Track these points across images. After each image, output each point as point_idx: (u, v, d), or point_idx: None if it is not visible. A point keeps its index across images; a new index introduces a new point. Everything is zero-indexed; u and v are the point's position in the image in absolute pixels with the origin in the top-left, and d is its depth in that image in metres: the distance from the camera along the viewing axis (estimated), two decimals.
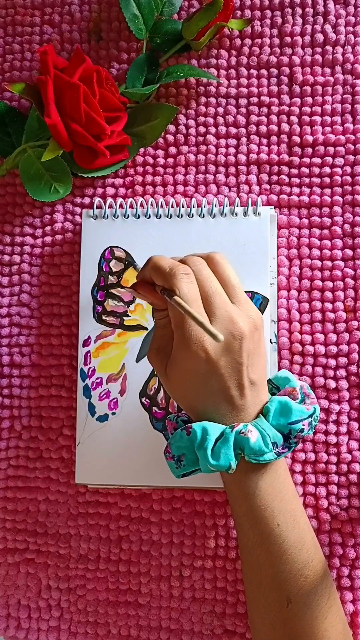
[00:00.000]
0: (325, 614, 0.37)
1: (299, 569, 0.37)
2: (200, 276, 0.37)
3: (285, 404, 0.38)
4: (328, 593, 0.37)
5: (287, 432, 0.37)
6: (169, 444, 0.38)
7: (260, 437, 0.36)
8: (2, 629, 0.49)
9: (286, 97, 0.50)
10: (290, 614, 0.36)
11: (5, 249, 0.51)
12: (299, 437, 0.37)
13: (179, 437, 0.37)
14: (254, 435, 0.36)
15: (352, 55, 0.49)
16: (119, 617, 0.48)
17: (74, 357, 0.49)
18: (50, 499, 0.49)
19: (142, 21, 0.50)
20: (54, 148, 0.47)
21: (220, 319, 0.36)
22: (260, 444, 0.36)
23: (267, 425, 0.37)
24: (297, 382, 0.40)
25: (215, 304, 0.36)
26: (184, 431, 0.37)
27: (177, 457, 0.38)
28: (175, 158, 0.51)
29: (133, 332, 0.47)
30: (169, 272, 0.36)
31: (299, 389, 0.40)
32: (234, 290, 0.38)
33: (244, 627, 0.46)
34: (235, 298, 0.38)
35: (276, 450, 0.37)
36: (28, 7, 0.54)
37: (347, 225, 0.48)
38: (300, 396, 0.39)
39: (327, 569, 0.39)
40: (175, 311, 0.36)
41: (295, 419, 0.37)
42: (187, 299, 0.35)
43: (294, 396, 0.39)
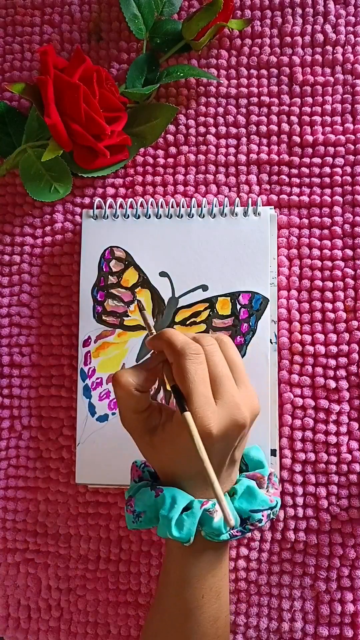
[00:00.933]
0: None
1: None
2: (214, 357, 0.36)
3: (252, 491, 0.38)
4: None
5: (246, 517, 0.38)
6: (132, 497, 0.38)
7: (222, 518, 0.36)
8: (2, 629, 0.49)
9: (286, 97, 0.50)
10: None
11: (5, 249, 0.51)
12: (256, 526, 0.38)
13: (146, 496, 0.37)
14: (218, 516, 0.36)
15: (352, 55, 0.49)
16: (119, 617, 0.48)
17: (74, 357, 0.49)
18: (50, 499, 0.49)
19: (142, 21, 0.50)
20: (54, 148, 0.47)
21: (227, 403, 0.35)
22: (220, 525, 0.36)
23: (231, 507, 0.37)
24: (267, 469, 0.41)
25: (224, 387, 0.36)
26: (153, 491, 0.37)
27: (137, 513, 0.38)
28: (175, 158, 0.51)
29: (133, 332, 0.47)
30: (179, 350, 0.35)
31: (267, 478, 0.40)
32: (240, 374, 0.38)
33: (244, 626, 0.46)
34: (241, 381, 0.37)
35: (231, 532, 0.37)
36: (28, 7, 0.54)
37: (347, 225, 0.48)
38: (266, 484, 0.40)
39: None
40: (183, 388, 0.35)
41: (257, 508, 0.38)
42: (194, 379, 0.35)
43: (260, 483, 0.40)
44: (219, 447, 0.35)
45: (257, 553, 0.46)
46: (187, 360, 0.35)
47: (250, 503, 0.38)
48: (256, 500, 0.38)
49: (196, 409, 0.34)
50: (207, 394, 0.35)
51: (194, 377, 0.35)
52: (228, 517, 0.31)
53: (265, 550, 0.46)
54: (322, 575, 0.45)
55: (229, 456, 0.37)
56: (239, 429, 0.35)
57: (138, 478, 0.40)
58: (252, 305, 0.46)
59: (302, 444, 0.46)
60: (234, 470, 0.39)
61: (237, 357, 0.38)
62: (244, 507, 0.38)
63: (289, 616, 0.45)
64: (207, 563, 0.38)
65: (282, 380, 0.47)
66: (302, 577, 0.46)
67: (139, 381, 0.37)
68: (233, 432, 0.35)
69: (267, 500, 0.38)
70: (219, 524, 0.36)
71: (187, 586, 0.38)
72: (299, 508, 0.46)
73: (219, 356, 0.37)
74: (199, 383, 0.35)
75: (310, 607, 0.45)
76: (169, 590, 0.39)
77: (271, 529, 0.46)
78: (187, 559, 0.38)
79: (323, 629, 0.45)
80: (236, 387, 0.37)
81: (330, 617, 0.45)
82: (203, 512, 0.36)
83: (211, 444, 0.34)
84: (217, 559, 0.38)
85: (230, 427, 0.35)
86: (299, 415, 0.46)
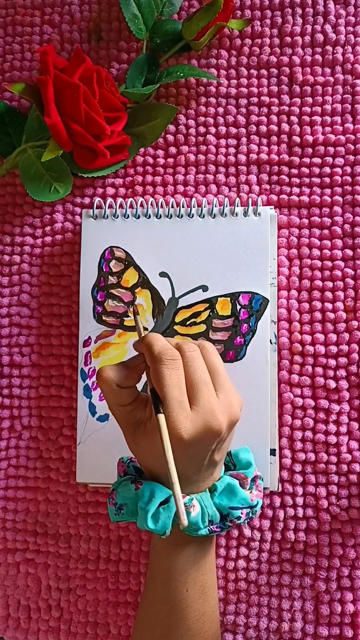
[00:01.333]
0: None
1: (192, 635, 0.39)
2: (193, 364, 0.37)
3: (233, 488, 0.39)
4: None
5: (225, 513, 0.39)
6: (114, 490, 0.39)
7: (200, 513, 0.37)
8: (2, 629, 0.49)
9: (286, 97, 0.50)
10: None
11: (5, 249, 0.51)
12: (235, 522, 0.39)
13: (126, 489, 0.38)
14: (195, 511, 0.37)
15: (352, 55, 0.49)
16: (119, 617, 0.48)
17: (74, 357, 0.49)
18: (50, 499, 0.49)
19: (142, 21, 0.50)
20: (54, 148, 0.47)
21: (202, 409, 0.36)
22: (198, 520, 0.37)
23: (209, 503, 0.38)
24: (253, 471, 0.42)
25: (200, 394, 0.36)
26: (133, 485, 0.38)
27: (119, 506, 0.39)
28: (175, 158, 0.51)
29: (133, 333, 0.47)
30: (156, 355, 0.36)
31: (251, 480, 0.41)
32: (220, 379, 0.38)
33: (244, 626, 0.46)
34: (220, 387, 0.38)
35: (210, 528, 0.38)
36: (28, 7, 0.54)
37: (347, 225, 0.48)
38: (249, 485, 0.41)
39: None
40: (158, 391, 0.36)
41: (236, 505, 0.39)
42: (168, 384, 0.35)
43: (243, 484, 0.40)
44: (193, 451, 0.36)
45: (257, 553, 0.46)
46: (162, 366, 0.36)
47: (229, 500, 0.39)
48: (236, 498, 0.39)
49: (169, 413, 0.35)
50: (180, 399, 0.35)
51: (168, 382, 0.35)
52: (181, 517, 0.32)
53: (265, 550, 0.46)
54: (322, 575, 0.45)
55: (206, 459, 0.37)
56: (213, 435, 0.36)
57: (123, 473, 0.41)
58: (252, 306, 0.46)
59: (302, 444, 0.46)
60: (216, 469, 0.39)
61: (219, 363, 0.39)
62: (223, 504, 0.39)
63: (289, 616, 0.45)
64: (190, 557, 0.39)
65: (282, 380, 0.47)
66: (302, 577, 0.46)
67: (120, 377, 0.38)
68: (207, 438, 0.36)
69: (248, 499, 0.39)
70: (196, 519, 0.37)
71: (171, 579, 0.39)
72: (299, 508, 0.46)
73: (199, 363, 0.37)
74: (172, 388, 0.35)
75: (310, 607, 0.45)
76: (154, 584, 0.40)
77: (271, 529, 0.46)
78: (169, 553, 0.39)
79: (323, 629, 0.45)
80: (214, 394, 0.37)
81: (330, 617, 0.45)
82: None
83: (184, 447, 0.35)
84: (201, 554, 0.39)
85: (204, 432, 0.35)
86: (299, 415, 0.46)
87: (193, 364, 0.37)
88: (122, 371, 0.38)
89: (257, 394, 0.45)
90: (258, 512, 0.40)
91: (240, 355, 0.46)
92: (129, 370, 0.38)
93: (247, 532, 0.46)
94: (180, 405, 0.35)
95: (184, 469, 0.37)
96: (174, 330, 0.47)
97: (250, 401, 0.45)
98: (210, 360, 0.38)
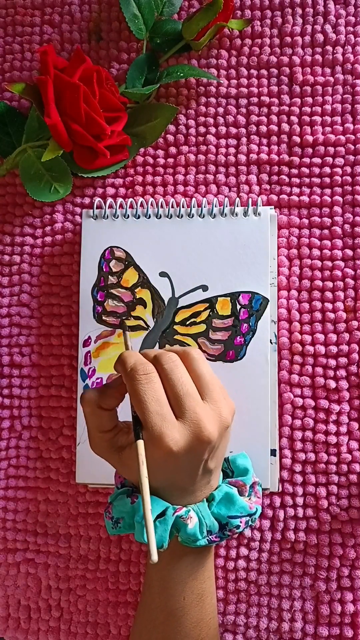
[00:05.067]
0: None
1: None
2: (172, 376, 0.36)
3: (231, 497, 0.39)
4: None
5: (224, 522, 0.38)
6: (110, 504, 0.39)
7: (198, 524, 0.37)
8: (2, 629, 0.49)
9: (286, 97, 0.50)
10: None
11: (5, 249, 0.51)
12: (234, 532, 0.38)
13: (122, 503, 0.38)
14: (193, 522, 0.37)
15: (352, 55, 0.49)
16: (119, 617, 0.48)
17: (74, 357, 0.49)
18: (50, 499, 0.49)
19: (142, 21, 0.50)
20: (54, 148, 0.47)
21: (189, 422, 0.35)
22: (195, 531, 0.37)
23: (207, 513, 0.38)
24: (251, 477, 0.41)
25: (185, 406, 0.35)
26: (128, 498, 0.38)
27: (116, 519, 0.38)
28: (175, 158, 0.51)
29: (133, 333, 0.47)
30: (129, 373, 0.35)
31: (249, 486, 0.41)
32: (207, 387, 0.37)
33: (244, 626, 0.46)
34: (209, 395, 0.37)
35: (209, 538, 0.38)
36: (28, 7, 0.54)
37: (347, 225, 0.48)
38: (248, 492, 0.40)
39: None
40: (137, 409, 0.35)
41: (235, 514, 0.38)
42: (144, 399, 0.35)
43: (241, 491, 0.40)
44: (185, 462, 0.35)
45: (257, 553, 0.46)
46: (135, 383, 0.35)
47: (228, 509, 0.38)
48: (234, 507, 0.38)
49: (152, 427, 0.34)
50: (162, 411, 0.35)
51: (143, 397, 0.35)
52: (151, 551, 0.31)
53: (265, 550, 0.46)
54: (322, 575, 0.45)
55: (200, 468, 0.37)
56: (203, 445, 0.35)
57: (120, 484, 0.41)
58: (252, 306, 0.46)
59: (302, 444, 0.46)
60: (213, 477, 0.39)
61: (204, 370, 0.37)
62: (222, 513, 0.38)
63: (289, 616, 0.45)
64: (188, 567, 0.38)
65: (282, 380, 0.47)
66: (302, 577, 0.46)
67: (103, 398, 0.37)
68: (198, 448, 0.35)
69: (247, 507, 0.39)
70: (194, 530, 0.36)
71: (168, 588, 0.38)
72: (299, 508, 0.46)
73: (179, 374, 0.36)
74: (150, 402, 0.34)
75: (310, 607, 0.45)
76: (151, 592, 0.39)
77: (271, 529, 0.46)
78: (166, 563, 0.38)
79: (323, 629, 0.45)
80: (201, 403, 0.36)
81: (330, 617, 0.45)
82: (176, 519, 0.36)
83: (175, 459, 0.34)
84: (199, 563, 0.39)
85: (194, 443, 0.35)
86: (299, 415, 0.46)
87: (172, 376, 0.36)
88: (102, 392, 0.38)
89: (257, 394, 0.45)
90: (256, 520, 0.40)
91: (240, 355, 0.46)
92: (110, 389, 0.38)
93: (247, 532, 0.46)
94: (163, 418, 0.34)
95: (179, 481, 0.36)
96: (174, 330, 0.47)
97: (250, 401, 0.45)
98: (194, 368, 0.37)
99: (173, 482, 0.36)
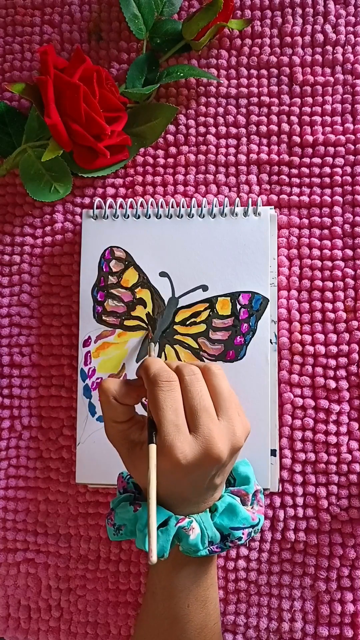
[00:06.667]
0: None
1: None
2: (192, 388, 0.36)
3: (234, 508, 0.38)
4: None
5: (226, 533, 0.38)
6: (113, 510, 0.39)
7: (200, 535, 0.37)
8: (2, 629, 0.49)
9: (286, 97, 0.50)
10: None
11: (5, 249, 0.51)
12: (235, 543, 0.38)
13: (125, 510, 0.38)
14: (195, 533, 0.36)
15: (352, 55, 0.49)
16: (119, 617, 0.48)
17: (74, 357, 0.49)
18: (50, 499, 0.49)
19: (142, 21, 0.50)
20: (54, 148, 0.47)
21: (201, 437, 0.34)
22: (197, 542, 0.36)
23: (209, 524, 0.37)
24: (253, 486, 0.41)
25: (199, 420, 0.35)
26: (131, 506, 0.38)
27: (118, 526, 0.38)
28: (175, 158, 0.51)
29: (133, 333, 0.47)
30: (151, 378, 0.35)
31: (252, 495, 0.40)
32: (224, 405, 0.37)
33: (244, 626, 0.46)
34: (225, 413, 0.36)
35: (210, 548, 0.37)
36: (28, 7, 0.54)
37: (347, 225, 0.48)
38: (251, 501, 0.40)
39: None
40: (154, 415, 0.35)
41: (238, 525, 0.38)
42: (163, 407, 0.34)
43: (244, 500, 0.40)
44: (191, 476, 0.35)
45: (257, 553, 0.46)
46: (157, 388, 0.35)
47: (231, 520, 0.38)
48: (237, 518, 0.38)
49: (165, 436, 0.34)
50: (177, 422, 0.34)
51: (162, 404, 0.34)
52: (150, 554, 0.31)
53: (265, 550, 0.46)
54: (322, 575, 0.45)
55: (205, 483, 0.36)
56: (212, 462, 0.35)
57: (123, 489, 0.40)
58: (252, 306, 0.46)
59: (302, 444, 0.46)
60: (217, 491, 0.38)
61: (224, 387, 0.37)
62: (224, 524, 0.38)
63: (289, 616, 0.45)
64: (191, 575, 0.38)
65: (282, 380, 0.47)
66: (302, 577, 0.46)
67: (119, 392, 0.37)
68: (206, 465, 0.35)
69: (249, 518, 0.38)
70: (195, 541, 0.36)
71: (172, 596, 0.38)
72: (299, 508, 0.46)
73: (199, 387, 0.36)
74: (168, 411, 0.34)
75: (310, 607, 0.45)
76: (155, 599, 0.39)
77: (271, 529, 0.46)
78: (169, 571, 0.38)
79: (323, 629, 0.45)
80: (216, 420, 0.36)
81: (330, 617, 0.45)
82: (178, 529, 0.36)
83: (182, 472, 0.34)
84: (202, 571, 0.39)
85: (203, 460, 0.34)
86: (299, 415, 0.46)
87: (192, 388, 0.36)
88: (122, 387, 0.38)
89: (257, 394, 0.45)
90: (259, 530, 0.40)
91: (240, 355, 0.46)
92: (129, 387, 0.38)
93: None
94: (177, 429, 0.34)
95: (183, 492, 0.36)
96: (174, 330, 0.47)
97: (250, 401, 0.45)
98: (214, 384, 0.37)
99: (177, 492, 0.36)
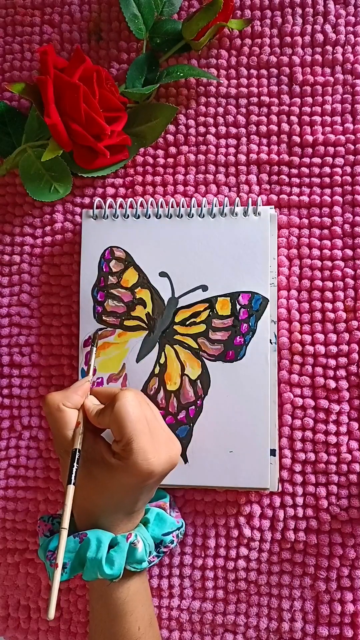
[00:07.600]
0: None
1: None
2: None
3: (162, 516, 0.42)
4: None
5: (159, 541, 0.40)
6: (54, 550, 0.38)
7: (144, 547, 0.38)
8: (2, 629, 0.49)
9: (286, 97, 0.50)
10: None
11: (5, 249, 0.51)
12: (168, 547, 0.41)
13: (72, 545, 0.38)
14: (140, 546, 0.38)
15: (352, 55, 0.49)
16: None
17: (74, 357, 0.49)
18: (50, 499, 0.49)
19: (142, 21, 0.50)
20: (54, 148, 0.47)
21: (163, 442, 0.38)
22: (143, 554, 0.38)
23: (147, 535, 0.40)
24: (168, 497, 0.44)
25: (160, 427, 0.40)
26: (76, 538, 0.38)
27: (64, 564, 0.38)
28: (175, 158, 0.51)
29: (133, 333, 0.47)
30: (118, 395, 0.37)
31: (169, 503, 0.44)
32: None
33: (244, 626, 0.46)
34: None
35: (149, 559, 0.39)
36: (28, 7, 0.54)
37: (347, 225, 0.48)
38: (169, 510, 0.43)
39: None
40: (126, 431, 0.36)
41: (168, 530, 0.41)
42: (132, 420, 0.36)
43: (165, 509, 0.43)
44: (153, 485, 0.38)
45: (257, 553, 0.46)
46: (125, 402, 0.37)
47: (161, 528, 0.41)
48: (166, 524, 0.42)
49: (137, 451, 0.36)
50: (144, 430, 0.37)
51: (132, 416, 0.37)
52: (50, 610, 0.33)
53: (265, 550, 0.46)
54: (322, 575, 0.45)
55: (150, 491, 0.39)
56: (172, 468, 0.39)
57: (49, 532, 0.41)
58: (252, 306, 0.46)
59: (302, 444, 0.46)
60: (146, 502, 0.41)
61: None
62: (156, 534, 0.40)
63: (289, 616, 0.45)
64: (135, 594, 0.39)
65: (282, 380, 0.47)
66: (302, 577, 0.46)
67: (65, 396, 0.39)
68: (167, 471, 0.38)
69: (175, 522, 0.42)
70: (141, 553, 0.38)
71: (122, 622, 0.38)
72: (299, 508, 0.46)
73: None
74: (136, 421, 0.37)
75: (310, 607, 0.45)
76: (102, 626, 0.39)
77: (271, 529, 0.46)
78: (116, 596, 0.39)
79: (323, 629, 0.45)
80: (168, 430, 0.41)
81: (330, 617, 0.45)
82: (129, 545, 0.37)
83: (156, 481, 0.38)
84: (142, 588, 0.40)
85: (168, 466, 0.38)
86: (299, 415, 0.46)
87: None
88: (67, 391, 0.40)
89: (257, 394, 0.45)
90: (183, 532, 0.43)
91: (240, 355, 0.46)
92: (76, 389, 0.40)
93: (247, 532, 0.46)
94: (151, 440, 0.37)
95: (132, 503, 0.38)
96: (173, 330, 0.47)
97: (250, 401, 0.45)
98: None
99: (127, 505, 0.38)
